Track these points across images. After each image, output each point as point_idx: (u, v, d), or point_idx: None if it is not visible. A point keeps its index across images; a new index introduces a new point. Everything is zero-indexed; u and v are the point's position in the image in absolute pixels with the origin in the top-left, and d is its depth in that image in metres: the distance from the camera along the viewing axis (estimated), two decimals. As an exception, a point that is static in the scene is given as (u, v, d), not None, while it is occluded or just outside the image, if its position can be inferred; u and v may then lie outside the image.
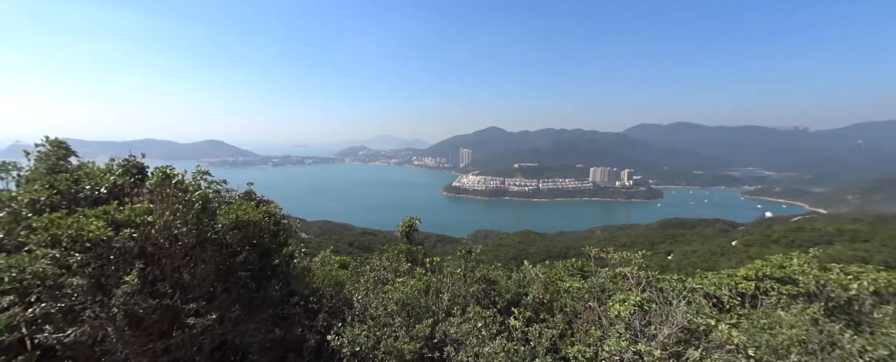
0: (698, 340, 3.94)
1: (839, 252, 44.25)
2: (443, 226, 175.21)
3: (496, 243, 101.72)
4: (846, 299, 5.93)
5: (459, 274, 5.68)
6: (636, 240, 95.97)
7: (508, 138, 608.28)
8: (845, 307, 6.02)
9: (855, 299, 5.96)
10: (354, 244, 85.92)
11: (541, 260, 9.91)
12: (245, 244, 5.32)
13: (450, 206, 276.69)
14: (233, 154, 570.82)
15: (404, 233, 7.56)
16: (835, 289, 5.84)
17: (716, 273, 7.87)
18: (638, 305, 4.24)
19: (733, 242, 68.29)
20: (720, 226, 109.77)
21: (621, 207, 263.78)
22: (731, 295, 6.67)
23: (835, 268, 6.52)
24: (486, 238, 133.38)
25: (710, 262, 51.81)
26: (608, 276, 6.37)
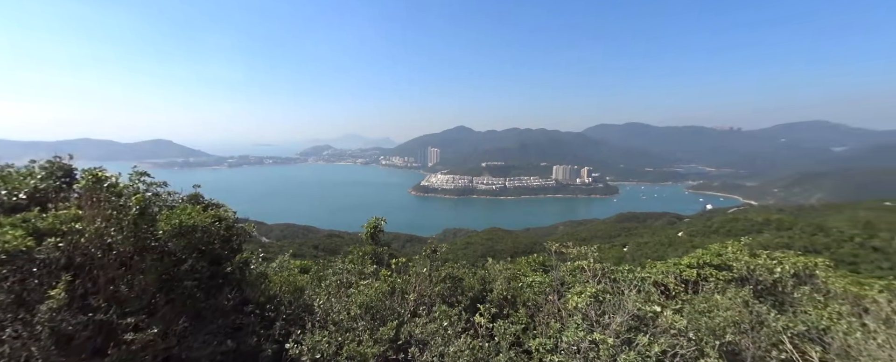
0: (647, 326, 4.23)
1: (767, 239, 49.60)
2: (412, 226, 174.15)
3: (465, 241, 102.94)
4: (772, 282, 6.66)
5: (425, 273, 5.67)
6: (595, 234, 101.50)
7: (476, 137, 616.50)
8: (771, 289, 6.75)
9: (779, 281, 6.70)
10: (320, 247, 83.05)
11: (508, 256, 10.17)
12: (191, 251, 4.94)
13: (419, 206, 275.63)
14: (183, 154, 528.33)
15: (369, 234, 7.41)
16: (762, 273, 6.53)
17: (663, 262, 8.51)
18: (593, 296, 4.46)
19: (680, 233, 74.20)
20: (668, 219, 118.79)
21: (582, 203, 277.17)
22: (677, 282, 7.23)
23: (762, 254, 7.30)
24: (455, 236, 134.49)
25: (659, 252, 55.95)
26: (568, 270, 6.66)
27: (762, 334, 4.50)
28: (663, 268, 8.03)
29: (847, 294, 6.17)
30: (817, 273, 6.55)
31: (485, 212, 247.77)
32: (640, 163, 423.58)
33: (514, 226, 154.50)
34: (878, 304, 5.42)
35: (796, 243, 46.80)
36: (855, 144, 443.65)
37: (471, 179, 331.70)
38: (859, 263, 39.46)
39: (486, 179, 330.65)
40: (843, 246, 47.47)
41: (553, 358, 3.93)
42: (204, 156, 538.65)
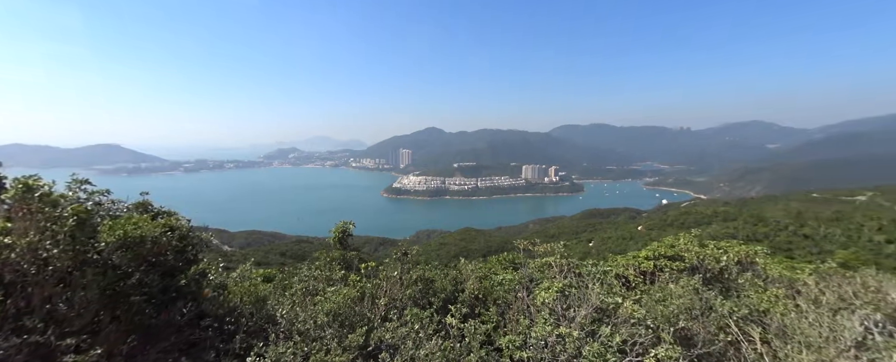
0: (609, 317, 4.44)
1: (715, 230, 53.81)
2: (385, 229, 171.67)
3: (439, 242, 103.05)
4: (719, 269, 7.23)
5: (396, 277, 5.61)
6: (563, 231, 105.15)
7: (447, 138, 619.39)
8: (718, 276, 7.32)
9: (725, 269, 7.29)
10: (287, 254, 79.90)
11: (481, 255, 10.30)
12: (139, 264, 4.57)
13: (391, 208, 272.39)
14: (133, 160, 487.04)
15: (337, 238, 7.21)
16: (710, 262, 7.07)
17: (624, 256, 8.99)
18: (560, 291, 4.62)
19: (639, 227, 78.66)
20: (629, 214, 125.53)
21: (550, 201, 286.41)
22: (636, 274, 7.67)
23: (710, 245, 7.90)
24: (428, 237, 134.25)
25: (622, 246, 58.99)
26: (536, 267, 6.86)
27: (711, 319, 4.87)
28: (624, 261, 8.49)
29: (782, 278, 6.83)
30: (757, 260, 7.19)
31: (458, 212, 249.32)
32: (602, 161, 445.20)
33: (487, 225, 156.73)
34: (807, 286, 6.04)
35: (740, 233, 51.16)
36: (786, 141, 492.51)
37: (443, 180, 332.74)
38: (793, 250, 43.77)
39: (458, 180, 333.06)
40: (779, 234, 52.49)
41: (522, 354, 4.03)
42: (157, 161, 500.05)
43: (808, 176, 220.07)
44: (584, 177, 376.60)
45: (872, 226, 47.87)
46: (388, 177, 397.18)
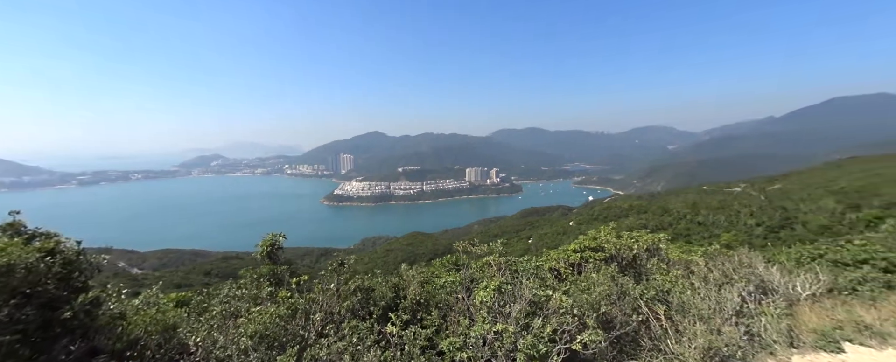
0: (541, 309, 4.74)
1: (631, 222, 60.86)
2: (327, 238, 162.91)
3: (385, 249, 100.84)
4: (632, 257, 8.17)
5: (332, 289, 5.35)
6: (505, 230, 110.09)
7: (391, 142, 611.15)
8: (632, 263, 8.27)
9: (636, 256, 8.26)
10: (213, 273, 71.71)
11: (428, 259, 10.30)
12: (10, 296, 3.72)
13: (334, 216, 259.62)
14: (12, 172, 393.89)
15: (265, 252, 6.64)
16: (625, 251, 7.96)
17: (556, 250, 9.71)
18: (497, 289, 4.81)
19: (571, 223, 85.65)
20: (561, 211, 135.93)
21: (492, 202, 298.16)
22: (566, 266, 8.32)
23: (625, 235, 8.90)
24: (374, 245, 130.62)
25: (556, 241, 63.72)
26: (477, 267, 7.06)
27: (626, 302, 5.47)
28: (555, 255, 9.15)
29: (680, 260, 7.94)
30: (661, 246, 8.27)
31: (404, 217, 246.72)
32: (538, 163, 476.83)
33: (434, 228, 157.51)
34: (699, 266, 7.10)
35: (650, 223, 58.55)
36: (681, 143, 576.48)
37: (388, 185, 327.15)
38: (691, 235, 51.33)
39: (403, 184, 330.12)
40: (680, 222, 61.20)
41: (463, 354, 4.10)
42: (43, 173, 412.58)
43: (699, 171, 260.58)
44: (522, 178, 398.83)
45: (746, 212, 58.24)
46: (328, 184, 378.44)
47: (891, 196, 48.95)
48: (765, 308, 5.28)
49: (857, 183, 61.24)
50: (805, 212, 52.34)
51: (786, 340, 4.74)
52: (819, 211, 50.89)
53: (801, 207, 55.65)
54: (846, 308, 5.38)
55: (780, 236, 42.81)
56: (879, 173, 65.17)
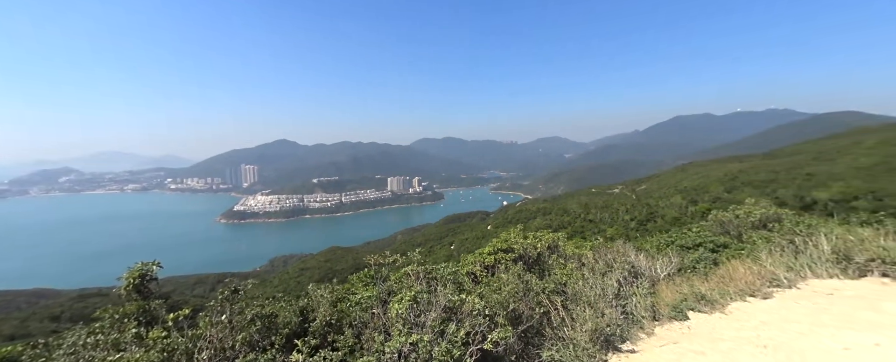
0: (456, 314, 4.87)
1: (539, 223, 67.63)
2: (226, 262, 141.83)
3: (299, 268, 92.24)
4: (536, 255, 9.02)
5: (224, 321, 4.63)
6: (429, 238, 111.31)
7: (303, 152, 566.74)
8: (537, 260, 9.13)
9: (541, 254, 9.15)
10: (64, 316, 56.19)
11: (349, 274, 9.70)
12: None
13: (234, 236, 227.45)
14: None
15: (132, 286, 5.40)
16: (530, 250, 8.76)
17: (472, 254, 10.17)
18: (413, 299, 4.78)
19: (488, 227, 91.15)
20: (480, 216, 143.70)
21: (416, 211, 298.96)
22: (481, 268, 8.75)
23: (530, 235, 9.80)
24: (286, 264, 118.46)
25: (477, 245, 66.89)
26: (397, 278, 6.93)
27: (530, 297, 5.98)
28: (472, 258, 9.56)
29: (574, 255, 9.05)
30: (560, 244, 9.32)
31: (321, 231, 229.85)
32: (457, 171, 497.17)
33: (355, 241, 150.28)
34: (588, 259, 8.17)
35: (553, 223, 65.95)
36: (575, 152, 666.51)
37: (301, 198, 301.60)
38: (584, 232, 59.30)
39: (319, 196, 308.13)
40: (576, 221, 70.32)
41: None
42: None
43: (588, 176, 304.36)
44: (443, 185, 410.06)
45: (623, 209, 69.91)
46: (226, 200, 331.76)
47: (716, 192, 64.35)
48: (635, 289, 6.33)
49: (695, 182, 78.98)
50: (663, 207, 65.22)
51: (650, 314, 5.74)
52: (671, 205, 63.97)
53: (660, 203, 69.16)
54: (689, 283, 6.79)
55: (647, 227, 52.40)
56: (708, 175, 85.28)
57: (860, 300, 5.06)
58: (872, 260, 6.13)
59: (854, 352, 3.80)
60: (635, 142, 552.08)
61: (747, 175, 73.42)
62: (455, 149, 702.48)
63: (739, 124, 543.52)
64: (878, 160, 63.66)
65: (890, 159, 62.18)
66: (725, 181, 72.21)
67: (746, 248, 8.55)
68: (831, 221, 9.31)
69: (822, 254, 6.64)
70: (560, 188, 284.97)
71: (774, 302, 5.48)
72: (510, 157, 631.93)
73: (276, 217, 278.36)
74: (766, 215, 10.75)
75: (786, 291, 5.82)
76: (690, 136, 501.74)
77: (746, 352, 4.10)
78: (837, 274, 6.21)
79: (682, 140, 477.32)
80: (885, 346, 3.85)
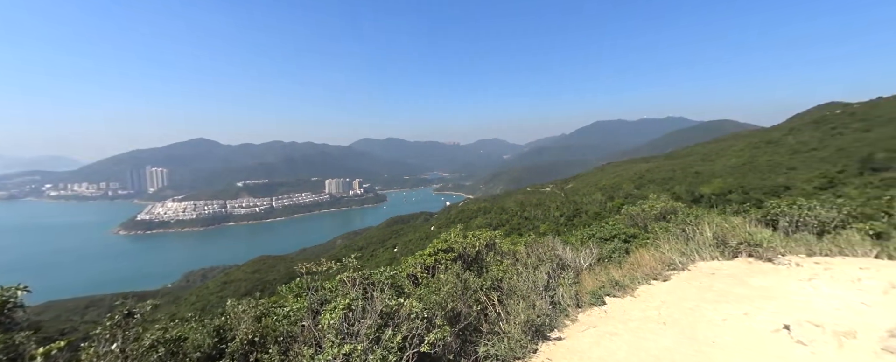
0: (393, 319, 4.75)
1: (479, 222, 70.12)
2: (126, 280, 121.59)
3: (221, 281, 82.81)
4: (475, 254, 9.28)
5: (115, 351, 3.90)
6: (371, 241, 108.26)
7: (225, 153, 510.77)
8: (476, 259, 9.39)
9: (479, 252, 9.43)
10: None
11: (281, 285, 8.88)
12: None
13: (138, 249, 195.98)
14: None
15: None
16: (469, 249, 8.98)
17: (413, 256, 10.10)
18: (346, 307, 4.55)
19: (432, 227, 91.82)
20: (424, 217, 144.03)
21: (357, 214, 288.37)
22: (422, 270, 8.72)
23: (469, 234, 10.05)
24: (204, 279, 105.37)
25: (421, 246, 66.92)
26: (331, 286, 6.55)
27: (468, 295, 6.11)
28: (413, 260, 9.49)
29: (510, 251, 9.51)
30: (497, 241, 9.71)
31: (248, 240, 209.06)
32: (400, 172, 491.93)
33: (288, 249, 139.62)
34: (521, 254, 8.63)
35: (493, 221, 68.92)
36: (512, 153, 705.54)
37: (223, 203, 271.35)
38: (521, 229, 63.02)
39: (245, 201, 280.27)
40: (513, 219, 74.38)
41: (306, 388, 3.66)
42: None
43: (524, 176, 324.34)
44: (386, 187, 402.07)
45: (554, 207, 75.83)
46: (127, 208, 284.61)
47: (628, 189, 73.08)
48: (562, 280, 6.85)
49: (612, 181, 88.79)
50: (586, 204, 72.19)
51: (574, 302, 6.26)
52: (593, 202, 71.10)
53: (584, 200, 76.41)
54: (606, 271, 7.56)
55: (574, 222, 57.50)
56: (621, 174, 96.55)
57: (733, 278, 6.11)
58: (741, 243, 7.46)
59: (729, 322, 4.57)
60: (564, 145, 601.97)
61: (652, 174, 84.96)
62: (398, 150, 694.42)
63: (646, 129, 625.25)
64: (745, 160, 78.47)
65: (753, 159, 77.05)
66: (635, 179, 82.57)
67: (650, 238, 9.81)
68: (712, 212, 11.16)
69: (706, 240, 7.89)
70: (499, 187, 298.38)
71: (672, 283, 6.35)
72: (453, 158, 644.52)
73: (191, 226, 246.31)
74: (665, 208, 12.48)
75: (680, 273, 6.79)
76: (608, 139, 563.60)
77: (650, 330, 4.67)
78: (717, 256, 7.43)
79: (601, 143, 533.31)
80: (751, 314, 4.68)
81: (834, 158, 57.26)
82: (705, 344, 4.09)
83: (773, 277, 5.81)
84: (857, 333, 3.85)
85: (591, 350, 4.49)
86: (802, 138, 79.72)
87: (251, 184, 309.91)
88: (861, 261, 6.24)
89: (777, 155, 75.02)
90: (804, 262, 6.44)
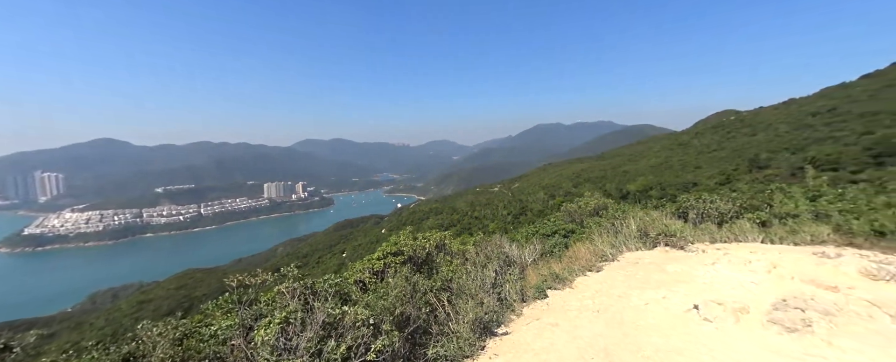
0: (337, 329, 4.51)
1: (431, 223, 70.35)
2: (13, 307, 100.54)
3: (137, 301, 72.48)
4: (425, 255, 9.24)
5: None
6: (317, 248, 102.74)
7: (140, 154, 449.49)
8: (426, 260, 9.36)
9: (429, 254, 9.41)
10: None
11: (208, 301, 7.93)
12: None
13: (27, 270, 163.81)
14: None
15: None
16: (419, 251, 8.92)
17: (361, 261, 9.75)
18: (283, 321, 4.22)
19: (383, 230, 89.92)
20: (374, 220, 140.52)
21: (301, 219, 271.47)
22: (370, 275, 8.45)
23: (419, 236, 9.99)
24: (114, 299, 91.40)
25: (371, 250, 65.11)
26: (268, 299, 6.03)
27: (417, 297, 6.04)
28: (360, 266, 9.16)
29: (460, 251, 9.64)
30: (446, 242, 9.78)
31: (171, 252, 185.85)
32: (347, 174, 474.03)
33: (220, 260, 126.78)
34: (470, 253, 8.78)
35: (445, 222, 69.62)
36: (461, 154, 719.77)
37: (138, 212, 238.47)
38: (471, 228, 64.50)
39: (166, 209, 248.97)
40: (464, 219, 75.91)
41: (236, 415, 3.31)
42: None
43: (474, 176, 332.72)
44: (332, 190, 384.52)
45: (502, 206, 78.90)
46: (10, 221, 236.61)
47: (567, 188, 78.63)
48: (508, 277, 7.10)
49: (553, 180, 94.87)
50: (531, 202, 76.24)
51: (520, 297, 6.52)
52: (537, 200, 75.33)
53: (528, 199, 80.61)
54: (548, 265, 8.00)
55: (520, 220, 60.36)
56: (561, 173, 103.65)
57: (654, 265, 6.84)
58: (660, 234, 8.39)
59: (650, 306, 5.09)
60: (509, 146, 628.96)
61: (587, 173, 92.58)
62: (345, 152, 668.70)
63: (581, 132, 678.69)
64: (662, 160, 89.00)
65: (668, 160, 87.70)
66: (573, 178, 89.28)
67: (586, 232, 10.63)
68: (637, 207, 12.44)
69: (631, 232, 8.75)
70: (450, 188, 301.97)
71: (604, 273, 6.93)
72: (403, 160, 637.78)
73: (98, 239, 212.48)
74: (598, 205, 13.63)
75: (611, 263, 7.43)
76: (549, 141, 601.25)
77: (585, 318, 5.03)
78: (641, 246, 8.27)
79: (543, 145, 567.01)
80: (668, 297, 5.27)
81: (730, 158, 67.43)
82: (631, 328, 4.51)
83: (685, 263, 6.62)
84: (750, 308, 4.53)
85: (534, 341, 4.69)
86: (705, 141, 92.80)
87: (174, 189, 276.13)
88: (751, 246, 7.38)
89: (687, 155, 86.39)
90: (708, 249, 7.44)
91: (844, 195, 10.08)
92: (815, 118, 68.61)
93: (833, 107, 68.46)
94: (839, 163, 41.51)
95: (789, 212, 9.26)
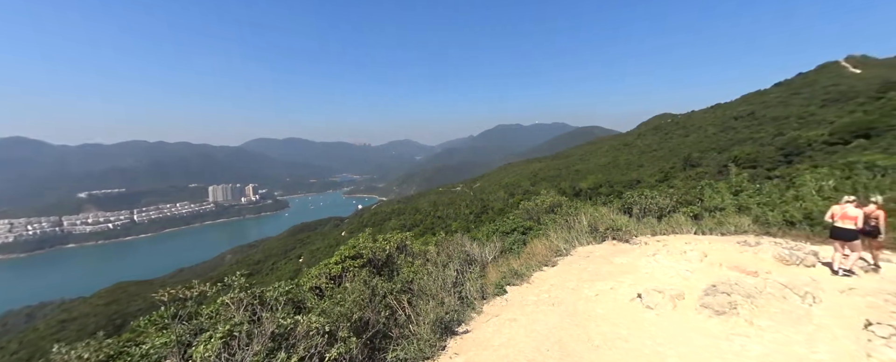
0: (287, 339, 4.24)
1: (394, 224, 69.40)
2: None
3: (58, 320, 63.70)
4: (386, 257, 9.04)
5: None
6: (270, 254, 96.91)
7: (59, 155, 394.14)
8: (386, 262, 9.16)
9: (390, 256, 9.22)
10: None
11: (140, 318, 7.04)
12: None
13: None
14: None
15: None
16: (379, 253, 8.70)
17: (317, 265, 9.30)
18: (226, 335, 3.88)
19: (343, 233, 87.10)
20: (333, 223, 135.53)
21: (252, 223, 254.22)
22: (327, 281, 8.08)
23: (380, 238, 9.75)
24: (30, 320, 79.37)
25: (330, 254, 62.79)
26: (211, 312, 5.53)
27: (376, 301, 5.88)
28: (316, 271, 8.73)
29: (421, 252, 9.56)
30: (408, 243, 9.64)
31: (98, 264, 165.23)
32: (304, 175, 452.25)
33: (158, 272, 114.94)
34: (432, 254, 8.73)
35: (408, 223, 69.02)
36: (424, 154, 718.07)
37: (58, 220, 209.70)
38: (434, 228, 64.61)
39: (90, 216, 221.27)
40: (427, 219, 75.81)
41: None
42: None
43: (436, 177, 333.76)
44: (288, 192, 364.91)
45: (464, 205, 79.94)
46: None
47: (525, 186, 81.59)
48: (469, 275, 7.16)
49: (512, 179, 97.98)
50: (492, 201, 78.07)
51: (480, 295, 6.59)
52: (497, 199, 77.31)
53: (490, 197, 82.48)
54: (507, 262, 8.19)
55: (482, 219, 61.56)
56: (520, 173, 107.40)
57: (603, 258, 7.25)
58: (608, 228, 8.94)
59: (600, 296, 5.38)
60: (471, 146, 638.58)
61: (544, 172, 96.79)
62: (301, 152, 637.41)
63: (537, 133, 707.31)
64: (610, 160, 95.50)
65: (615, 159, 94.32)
66: (531, 177, 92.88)
67: (542, 229, 11.05)
68: (588, 204, 13.18)
69: (583, 228, 9.22)
70: (413, 188, 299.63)
71: (558, 268, 7.22)
72: (364, 160, 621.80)
73: (8, 252, 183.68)
74: (553, 202, 14.25)
75: (565, 258, 7.78)
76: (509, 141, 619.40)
77: (542, 311, 5.20)
78: (592, 240, 8.75)
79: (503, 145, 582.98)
80: (615, 288, 5.60)
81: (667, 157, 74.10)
82: (583, 318, 4.74)
83: (630, 255, 7.10)
84: (685, 295, 4.95)
85: (493, 338, 4.75)
86: (647, 141, 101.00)
87: (100, 194, 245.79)
88: (686, 237, 8.09)
89: (631, 155, 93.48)
90: (650, 241, 8.05)
91: (761, 190, 11.45)
92: (737, 121, 77.59)
93: (752, 111, 77.96)
94: (757, 161, 47.31)
95: (717, 205, 10.32)
